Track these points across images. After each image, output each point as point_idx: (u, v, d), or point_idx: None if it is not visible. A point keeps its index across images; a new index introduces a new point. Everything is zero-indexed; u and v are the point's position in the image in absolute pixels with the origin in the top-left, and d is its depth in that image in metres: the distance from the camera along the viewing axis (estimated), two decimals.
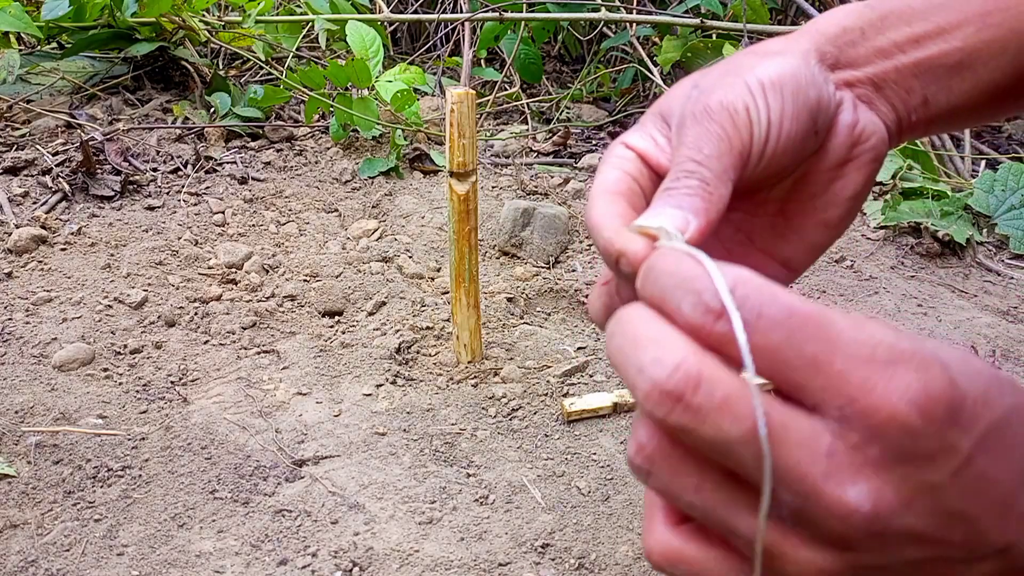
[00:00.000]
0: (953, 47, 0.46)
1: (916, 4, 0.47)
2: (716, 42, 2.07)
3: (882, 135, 0.47)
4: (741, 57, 0.46)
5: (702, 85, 0.44)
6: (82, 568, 0.89)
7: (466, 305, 1.22)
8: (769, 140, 0.42)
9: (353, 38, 1.93)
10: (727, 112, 0.42)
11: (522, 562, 0.93)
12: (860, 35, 0.47)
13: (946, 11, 0.46)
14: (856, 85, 0.47)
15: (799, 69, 0.44)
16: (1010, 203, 1.85)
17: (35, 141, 1.76)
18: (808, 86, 0.44)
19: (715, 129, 0.41)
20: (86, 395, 1.14)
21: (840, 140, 0.46)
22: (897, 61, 0.47)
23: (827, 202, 0.47)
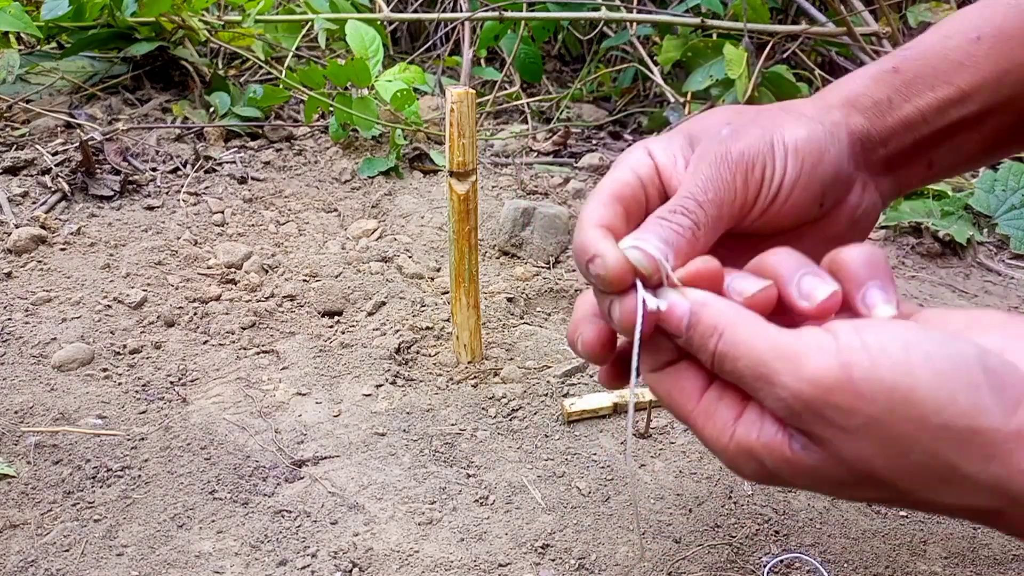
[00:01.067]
0: (971, 112, 0.47)
1: (937, 63, 0.48)
2: (716, 42, 2.07)
3: (877, 213, 0.50)
4: (776, 112, 0.46)
5: (735, 124, 0.45)
6: (82, 568, 0.89)
7: (466, 305, 1.22)
8: (775, 202, 0.44)
9: (353, 38, 1.93)
10: (744, 165, 0.43)
11: (522, 562, 0.92)
12: (888, 105, 0.47)
13: (966, 71, 0.47)
14: (874, 165, 0.48)
15: (826, 142, 0.45)
16: (1011, 203, 1.85)
17: (35, 141, 1.76)
18: (828, 162, 0.45)
19: (727, 177, 0.43)
20: (86, 395, 1.14)
21: (842, 218, 0.48)
22: (918, 133, 0.48)
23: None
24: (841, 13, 2.06)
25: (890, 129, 0.47)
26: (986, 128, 0.48)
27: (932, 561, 0.94)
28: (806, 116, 0.46)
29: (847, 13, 2.08)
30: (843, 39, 2.16)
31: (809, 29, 2.15)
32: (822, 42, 2.33)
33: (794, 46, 2.23)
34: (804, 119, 0.45)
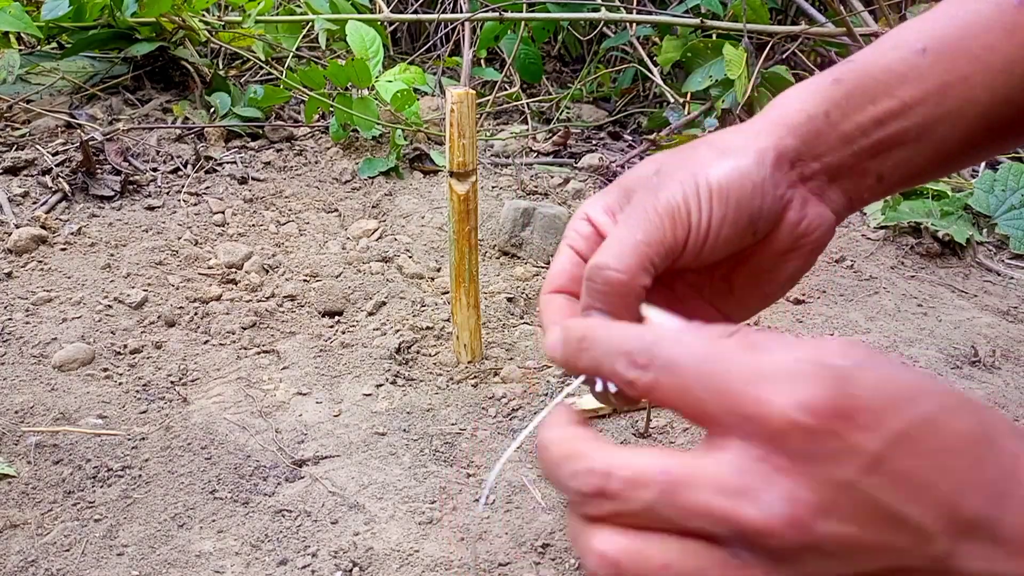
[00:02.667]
0: (913, 123, 0.47)
1: (878, 74, 0.47)
2: (716, 42, 2.07)
3: (828, 225, 0.49)
4: (701, 148, 0.47)
5: (662, 171, 0.46)
6: (82, 568, 0.89)
7: (466, 305, 1.22)
8: (707, 241, 0.45)
9: (353, 38, 1.93)
10: (670, 211, 0.44)
11: (522, 562, 0.93)
12: (825, 120, 0.47)
13: (908, 84, 0.47)
14: (811, 179, 0.48)
15: (751, 174, 0.45)
16: (1010, 203, 1.85)
17: (35, 141, 1.76)
18: (754, 195, 0.46)
19: (656, 222, 0.44)
20: (86, 395, 1.14)
21: (784, 235, 0.48)
22: (857, 146, 0.48)
23: (767, 280, 0.50)
24: (840, 13, 2.06)
25: (825, 144, 0.47)
26: (932, 141, 0.48)
27: None
28: (731, 148, 0.46)
29: (846, 13, 2.08)
30: (842, 39, 2.16)
31: (808, 29, 2.15)
32: (821, 42, 2.34)
33: (793, 46, 2.24)
34: (728, 152, 0.46)
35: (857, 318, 1.49)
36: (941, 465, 0.32)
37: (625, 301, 0.43)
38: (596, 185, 1.91)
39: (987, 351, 1.37)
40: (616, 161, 2.03)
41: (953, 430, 0.33)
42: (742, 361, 0.34)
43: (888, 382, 0.33)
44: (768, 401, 0.32)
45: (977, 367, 1.34)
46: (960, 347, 1.39)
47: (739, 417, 0.33)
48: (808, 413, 0.32)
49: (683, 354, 0.35)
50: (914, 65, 0.47)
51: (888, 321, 1.48)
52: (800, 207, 0.48)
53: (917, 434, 0.32)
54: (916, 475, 0.32)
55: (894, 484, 0.32)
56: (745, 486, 0.32)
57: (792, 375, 0.32)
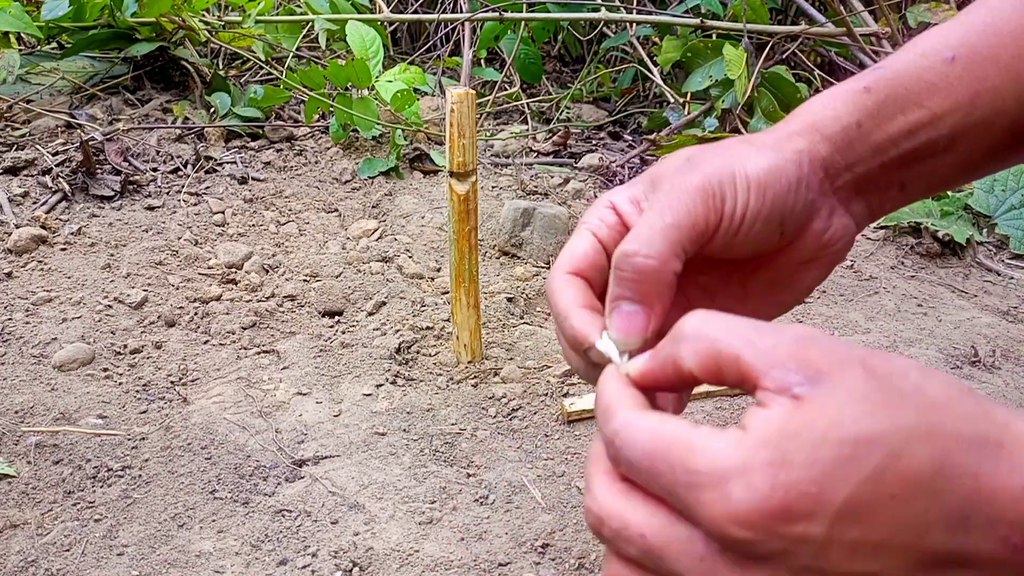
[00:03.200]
0: (942, 135, 0.46)
1: (909, 83, 0.47)
2: (716, 42, 2.07)
3: (850, 236, 0.49)
4: (737, 144, 0.46)
5: (694, 159, 0.45)
6: (82, 568, 0.89)
7: (466, 305, 1.22)
8: (738, 232, 0.44)
9: (353, 38, 1.93)
10: (704, 192, 0.43)
11: (522, 562, 0.93)
12: (857, 130, 0.46)
13: (937, 95, 0.46)
14: (840, 189, 0.47)
15: (788, 174, 0.45)
16: (1010, 203, 1.85)
17: (35, 141, 1.76)
18: (788, 194, 0.45)
19: (687, 202, 0.43)
20: (86, 395, 1.14)
21: (808, 243, 0.47)
22: (887, 157, 0.47)
23: (784, 288, 0.50)
24: (840, 13, 2.06)
25: (856, 154, 0.46)
26: (959, 151, 0.47)
27: None
28: (767, 146, 0.45)
29: (846, 13, 2.08)
30: (842, 39, 2.16)
31: (808, 29, 2.15)
32: (821, 42, 2.34)
33: (793, 46, 2.24)
34: (765, 149, 0.45)
35: (857, 318, 1.49)
36: (894, 517, 0.32)
37: (657, 289, 0.42)
38: (596, 185, 1.91)
39: (987, 351, 1.37)
40: (616, 161, 2.03)
41: (901, 476, 0.32)
42: (680, 460, 0.34)
43: (824, 448, 0.32)
44: (707, 514, 0.33)
45: (977, 367, 1.34)
46: (960, 347, 1.39)
47: (692, 518, 0.34)
48: (742, 526, 0.32)
49: (635, 451, 0.36)
50: (943, 74, 0.46)
51: (888, 321, 1.48)
52: (827, 216, 0.47)
53: (862, 499, 0.32)
54: (871, 538, 0.32)
55: (850, 554, 0.32)
56: (711, 571, 0.34)
57: (724, 478, 0.33)
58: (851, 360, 0.34)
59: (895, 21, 2.19)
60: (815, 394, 0.33)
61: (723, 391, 1.20)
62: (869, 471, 0.32)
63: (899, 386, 0.34)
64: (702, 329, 0.37)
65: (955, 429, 0.33)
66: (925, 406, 0.33)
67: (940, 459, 0.32)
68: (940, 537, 0.32)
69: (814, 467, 0.32)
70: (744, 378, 0.36)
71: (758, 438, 0.33)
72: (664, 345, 0.39)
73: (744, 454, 0.33)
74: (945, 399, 0.34)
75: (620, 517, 0.36)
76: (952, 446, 0.33)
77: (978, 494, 0.32)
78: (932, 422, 0.33)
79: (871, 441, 0.32)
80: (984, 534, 0.33)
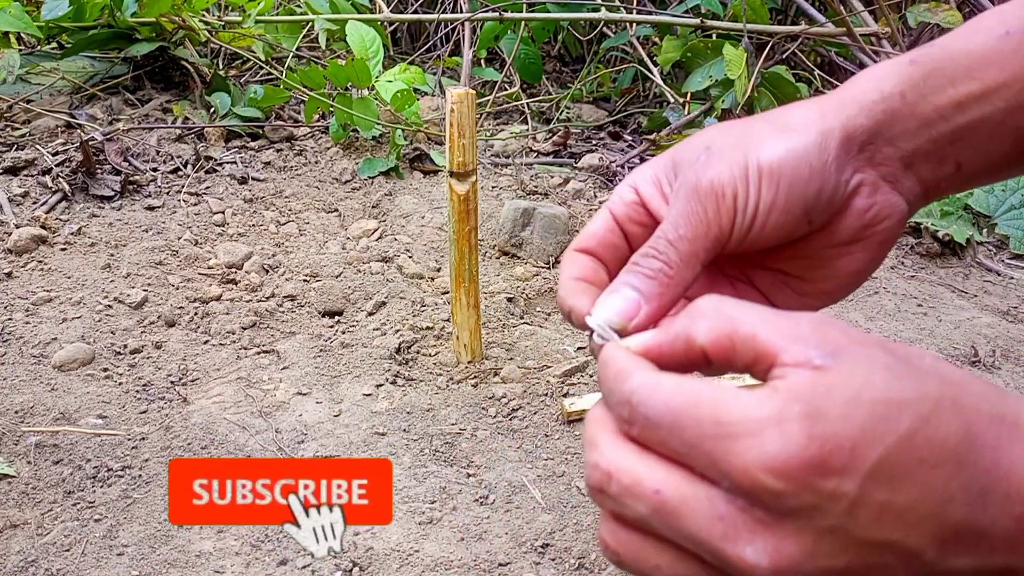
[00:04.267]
0: (996, 108, 0.44)
1: (959, 57, 0.45)
2: (716, 42, 2.07)
3: (900, 215, 0.46)
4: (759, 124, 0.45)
5: (713, 148, 0.44)
6: (82, 568, 0.89)
7: (466, 305, 1.22)
8: (753, 227, 0.43)
9: (353, 38, 1.93)
10: (714, 195, 0.42)
11: (522, 562, 0.93)
12: (901, 101, 0.44)
13: (990, 67, 0.44)
14: (883, 164, 0.45)
15: (808, 156, 0.43)
16: (1010, 203, 1.85)
17: (35, 141, 1.76)
18: (811, 180, 0.43)
19: (697, 210, 0.42)
20: (86, 395, 1.14)
21: (850, 222, 0.45)
22: (935, 131, 0.45)
23: (827, 275, 0.47)
24: (840, 13, 2.06)
25: (900, 126, 0.44)
26: (1014, 128, 0.44)
27: None
28: (791, 127, 0.44)
29: (846, 13, 2.08)
30: (842, 39, 2.16)
31: (808, 29, 2.15)
32: (821, 42, 2.34)
33: (793, 46, 2.24)
34: (788, 132, 0.43)
35: (857, 318, 1.49)
36: (922, 483, 0.32)
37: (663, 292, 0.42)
38: (596, 185, 1.91)
39: (987, 351, 1.37)
40: (616, 161, 2.03)
41: (930, 442, 0.32)
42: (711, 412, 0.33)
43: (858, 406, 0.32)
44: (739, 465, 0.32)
45: (977, 367, 1.34)
46: (960, 347, 1.39)
47: (717, 472, 0.33)
48: (777, 476, 0.32)
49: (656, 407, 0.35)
50: (997, 48, 0.44)
51: (888, 321, 1.48)
52: (870, 193, 0.45)
53: (894, 460, 0.32)
54: (898, 502, 0.32)
55: (878, 518, 0.32)
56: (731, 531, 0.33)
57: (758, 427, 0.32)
58: (869, 340, 0.35)
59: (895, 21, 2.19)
60: (838, 364, 0.33)
61: None
62: (902, 432, 0.32)
63: (918, 363, 0.34)
64: (720, 307, 0.37)
65: (976, 404, 0.33)
66: (947, 381, 0.34)
67: (965, 429, 0.33)
68: (961, 509, 0.32)
69: (850, 422, 0.32)
70: (759, 357, 0.35)
71: (791, 393, 0.33)
72: (678, 320, 0.38)
73: (778, 405, 0.32)
74: (961, 378, 0.34)
75: (632, 472, 0.35)
76: (975, 419, 0.33)
77: (997, 468, 0.33)
78: (956, 394, 0.33)
79: (903, 403, 0.32)
80: (1000, 510, 0.33)
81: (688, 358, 0.38)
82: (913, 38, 2.30)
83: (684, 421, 0.34)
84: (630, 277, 0.43)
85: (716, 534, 0.33)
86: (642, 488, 0.34)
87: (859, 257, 0.47)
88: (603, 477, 0.35)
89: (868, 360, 0.33)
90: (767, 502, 0.32)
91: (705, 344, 0.37)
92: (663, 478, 0.34)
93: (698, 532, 0.34)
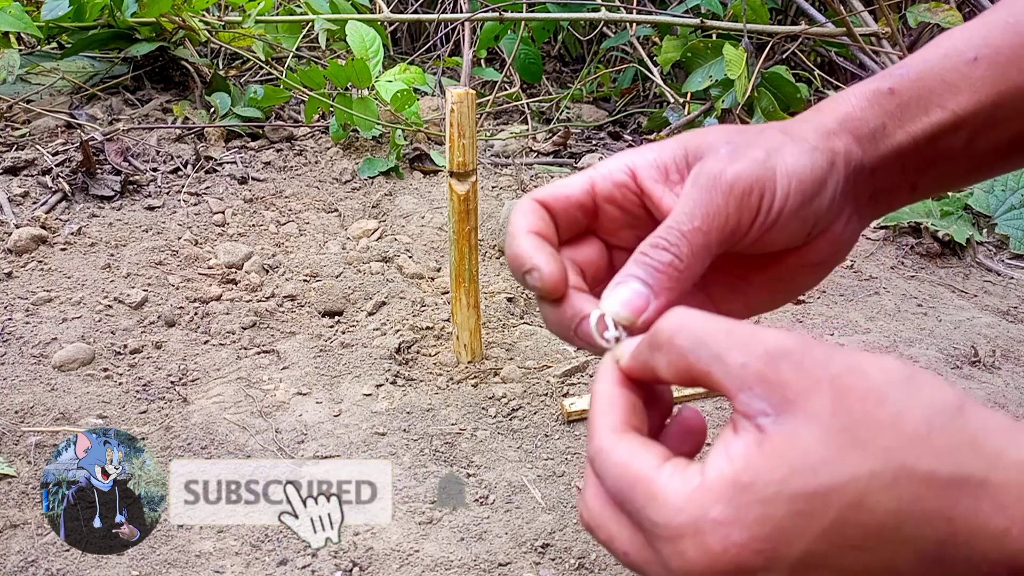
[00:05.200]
0: (961, 138, 0.45)
1: (933, 84, 0.45)
2: (716, 42, 2.07)
3: (856, 237, 0.48)
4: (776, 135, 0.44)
5: (736, 148, 0.43)
6: (82, 568, 0.89)
7: (466, 305, 1.22)
8: (771, 231, 0.42)
9: (353, 38, 1.93)
10: (740, 189, 0.41)
11: (522, 562, 0.93)
12: (883, 132, 0.45)
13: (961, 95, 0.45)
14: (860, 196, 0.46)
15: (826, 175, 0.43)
16: (1010, 203, 1.85)
17: (35, 141, 1.76)
18: (825, 196, 0.43)
19: (718, 202, 0.41)
20: (86, 395, 1.14)
21: (824, 247, 0.46)
22: (906, 160, 0.45)
23: (784, 287, 0.48)
24: (840, 13, 2.06)
25: (880, 159, 0.45)
26: (975, 152, 0.46)
27: None
28: (809, 143, 0.43)
29: (846, 13, 2.08)
30: (842, 39, 2.16)
31: (808, 29, 2.15)
32: (821, 42, 2.34)
33: (793, 46, 2.24)
34: (808, 146, 0.43)
35: (857, 318, 1.49)
36: (858, 566, 0.32)
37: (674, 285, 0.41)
38: None
39: (987, 351, 1.37)
40: None
41: (863, 527, 0.31)
42: (643, 505, 0.35)
43: (779, 503, 0.32)
44: (668, 565, 0.34)
45: (977, 367, 1.34)
46: (960, 347, 1.39)
47: (659, 562, 0.35)
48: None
49: (607, 475, 0.37)
50: (966, 76, 0.45)
51: (888, 321, 1.48)
52: (845, 223, 0.46)
53: (819, 552, 0.32)
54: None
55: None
56: None
57: (678, 534, 0.33)
58: (821, 385, 0.33)
59: (895, 21, 2.19)
60: (777, 431, 0.33)
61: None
62: (827, 524, 0.31)
63: (873, 417, 0.32)
64: (674, 340, 0.36)
65: (929, 470, 0.31)
66: (897, 445, 0.31)
67: (907, 507, 0.31)
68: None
69: (767, 524, 0.32)
70: (719, 390, 0.36)
71: (714, 491, 0.33)
72: (642, 350, 0.39)
73: (697, 511, 0.33)
74: (925, 431, 0.32)
75: (607, 529, 0.37)
76: (922, 491, 0.31)
77: (953, 537, 0.31)
78: (902, 464, 0.31)
79: (828, 493, 0.31)
80: (964, 571, 0.32)
81: (659, 382, 0.39)
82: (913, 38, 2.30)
83: (626, 503, 0.36)
84: (638, 269, 0.41)
85: None
86: (615, 547, 0.37)
87: (815, 277, 0.48)
88: (587, 527, 0.38)
89: (808, 427, 0.32)
90: None
91: (667, 378, 0.38)
92: (629, 540, 0.36)
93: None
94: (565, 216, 0.46)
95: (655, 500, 0.34)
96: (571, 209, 0.46)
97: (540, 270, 0.42)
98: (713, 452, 0.35)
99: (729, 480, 0.33)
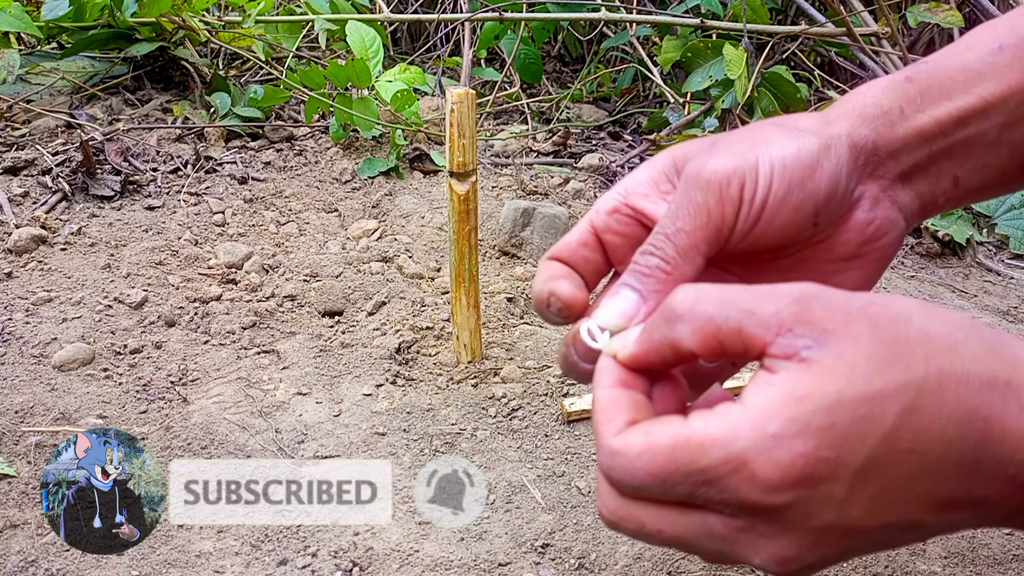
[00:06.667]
0: (994, 123, 0.44)
1: (956, 74, 0.45)
2: (716, 42, 2.07)
3: (899, 231, 0.46)
4: (767, 126, 0.44)
5: (718, 144, 0.43)
6: (82, 568, 0.89)
7: (466, 305, 1.22)
8: (759, 223, 0.42)
9: (353, 38, 1.93)
10: (716, 184, 0.41)
11: (522, 562, 0.93)
12: (899, 115, 0.45)
13: (987, 81, 0.44)
14: (883, 177, 0.45)
15: (819, 158, 0.42)
16: (1010, 203, 1.85)
17: (35, 141, 1.76)
18: (822, 179, 0.42)
19: (698, 200, 0.41)
20: (86, 395, 1.14)
21: (850, 236, 0.45)
22: (935, 145, 0.45)
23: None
24: (840, 13, 2.06)
25: (901, 140, 0.45)
26: (1011, 143, 0.45)
27: (932, 561, 0.94)
28: (800, 129, 0.43)
29: (846, 13, 2.08)
30: (842, 39, 2.16)
31: (808, 29, 2.15)
32: (821, 42, 2.34)
33: (793, 46, 2.24)
34: (796, 132, 0.43)
35: None
36: (911, 470, 0.33)
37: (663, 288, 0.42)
38: (596, 185, 1.91)
39: None
40: (616, 161, 2.03)
41: (916, 431, 0.33)
42: (690, 463, 0.35)
43: (840, 410, 0.33)
44: (734, 499, 0.34)
45: None
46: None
47: (718, 505, 0.35)
48: (769, 492, 0.33)
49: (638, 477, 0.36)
50: (991, 63, 0.45)
51: None
52: (871, 207, 0.45)
53: (880, 456, 0.33)
54: (888, 492, 0.33)
55: (870, 508, 0.33)
56: (736, 548, 0.35)
57: (742, 460, 0.33)
58: (855, 314, 0.34)
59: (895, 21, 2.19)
60: (824, 355, 0.33)
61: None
62: (887, 429, 0.33)
63: (906, 334, 0.34)
64: (696, 307, 0.37)
65: (965, 372, 0.33)
66: (933, 353, 0.33)
67: (951, 409, 0.33)
68: (954, 483, 0.33)
69: (832, 431, 0.33)
70: (749, 348, 0.35)
71: (764, 410, 0.34)
72: (656, 327, 0.38)
73: (752, 433, 0.33)
74: (951, 343, 0.34)
75: (634, 519, 0.38)
76: (961, 392, 0.33)
77: (989, 438, 0.33)
78: (941, 369, 0.33)
79: (886, 397, 0.33)
80: (994, 474, 0.33)
81: (677, 360, 0.39)
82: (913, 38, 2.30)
83: (672, 479, 0.35)
84: (628, 277, 0.42)
85: (725, 550, 0.36)
86: (647, 531, 0.37)
87: (857, 274, 0.47)
88: (612, 526, 0.39)
89: (853, 347, 0.33)
90: (765, 514, 0.34)
91: (693, 348, 0.37)
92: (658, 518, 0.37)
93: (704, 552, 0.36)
94: (577, 260, 0.47)
95: (701, 448, 0.34)
96: (578, 251, 0.47)
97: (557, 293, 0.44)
98: (749, 389, 0.35)
99: (780, 398, 0.33)
